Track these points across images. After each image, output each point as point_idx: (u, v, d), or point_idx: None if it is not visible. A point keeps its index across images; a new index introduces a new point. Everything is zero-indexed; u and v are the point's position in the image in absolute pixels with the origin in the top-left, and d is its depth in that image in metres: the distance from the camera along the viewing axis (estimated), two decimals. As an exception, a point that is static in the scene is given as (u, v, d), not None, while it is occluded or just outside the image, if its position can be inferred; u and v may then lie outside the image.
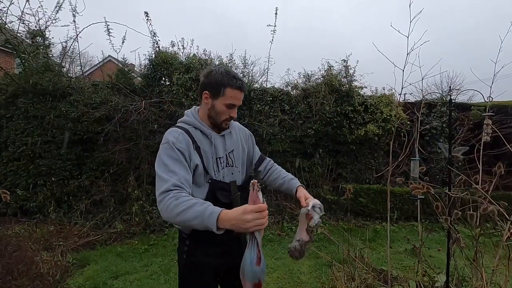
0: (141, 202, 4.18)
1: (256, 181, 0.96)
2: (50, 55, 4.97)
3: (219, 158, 1.25)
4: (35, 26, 4.77)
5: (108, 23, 4.84)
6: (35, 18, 4.72)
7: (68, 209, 4.33)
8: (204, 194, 1.19)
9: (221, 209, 0.95)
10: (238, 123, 1.46)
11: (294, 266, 3.17)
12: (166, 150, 1.13)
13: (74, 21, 4.83)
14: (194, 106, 1.34)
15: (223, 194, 1.21)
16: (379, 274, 2.55)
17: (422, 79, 2.41)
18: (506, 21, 2.10)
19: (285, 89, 5.28)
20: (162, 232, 4.11)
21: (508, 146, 2.35)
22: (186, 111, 1.32)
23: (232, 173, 1.29)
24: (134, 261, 3.30)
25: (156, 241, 3.84)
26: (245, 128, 1.49)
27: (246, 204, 0.92)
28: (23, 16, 4.69)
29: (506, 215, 1.88)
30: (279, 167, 1.50)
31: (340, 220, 4.67)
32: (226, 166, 1.28)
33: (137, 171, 4.50)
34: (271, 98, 5.08)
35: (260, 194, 0.95)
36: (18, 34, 4.85)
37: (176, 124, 1.27)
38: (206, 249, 1.24)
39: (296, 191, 1.34)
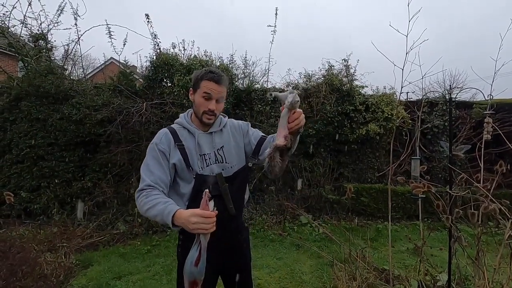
0: (144, 203, 4.19)
1: (207, 190, 1.04)
2: (53, 58, 5.01)
3: (204, 155, 1.30)
4: (38, 30, 4.81)
5: (109, 25, 4.88)
6: (37, 21, 4.77)
7: (71, 210, 4.37)
8: (191, 189, 1.26)
9: (178, 208, 1.08)
10: (232, 120, 1.48)
11: (295, 266, 3.18)
12: (151, 150, 1.29)
13: (75, 24, 4.87)
14: (189, 109, 1.42)
15: (210, 186, 1.23)
16: (381, 273, 2.54)
17: (423, 77, 2.40)
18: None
19: (286, 89, 5.29)
20: (164, 233, 4.12)
21: (509, 144, 2.34)
22: (180, 114, 1.42)
23: (223, 169, 1.31)
24: (136, 262, 3.32)
25: (159, 242, 3.86)
26: (238, 122, 1.49)
27: (197, 209, 1.02)
28: (25, 20, 4.74)
29: (508, 214, 1.88)
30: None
31: (342, 220, 4.66)
32: (216, 163, 1.30)
33: (139, 172, 4.51)
34: (272, 99, 5.09)
35: (211, 204, 1.03)
36: (20, 38, 4.90)
37: (169, 125, 1.39)
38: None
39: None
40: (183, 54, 5.11)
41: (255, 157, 1.37)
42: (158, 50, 4.87)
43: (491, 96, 2.17)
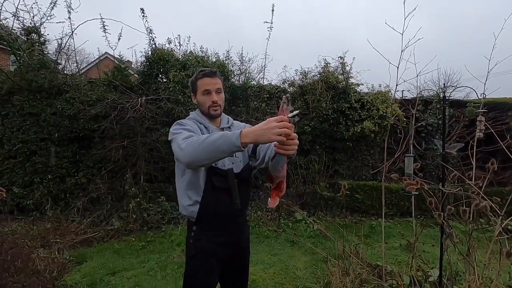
0: (138, 199, 4.18)
1: (288, 95, 1.02)
2: (46, 52, 4.94)
3: None
4: (30, 23, 4.74)
5: (103, 19, 4.81)
6: (29, 14, 4.70)
7: (65, 206, 4.34)
8: (200, 178, 1.30)
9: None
10: (237, 121, 1.57)
11: (290, 262, 3.20)
12: (176, 126, 1.28)
13: (69, 17, 4.81)
14: (196, 110, 1.49)
15: (220, 179, 1.30)
16: (374, 269, 2.57)
17: (417, 75, 2.42)
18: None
19: (282, 86, 5.29)
20: (159, 229, 4.12)
21: (501, 143, 2.38)
22: (191, 112, 1.49)
23: (233, 163, 1.36)
24: (131, 258, 3.32)
25: (154, 238, 3.85)
26: (242, 123, 1.57)
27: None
28: (17, 12, 4.67)
29: (498, 211, 1.91)
30: None
31: (336, 217, 4.70)
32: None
33: (134, 168, 4.50)
34: (268, 95, 5.09)
35: (290, 109, 0.98)
36: (12, 31, 4.81)
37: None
38: (210, 236, 1.35)
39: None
40: (179, 50, 5.08)
41: (254, 158, 1.41)
42: (154, 45, 4.83)
43: (484, 95, 2.19)
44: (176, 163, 1.37)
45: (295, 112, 1.00)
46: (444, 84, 6.01)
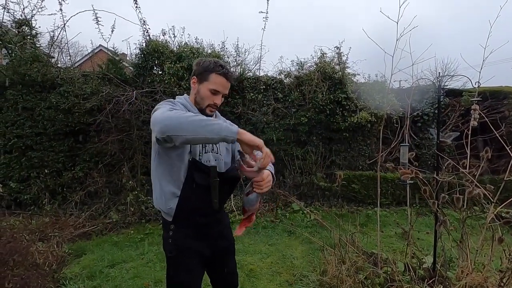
0: (136, 192, 4.20)
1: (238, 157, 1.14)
2: (38, 45, 4.85)
3: None
4: (21, 15, 4.64)
5: (96, 11, 4.72)
6: (20, 6, 4.60)
7: (62, 200, 4.34)
8: (182, 171, 1.22)
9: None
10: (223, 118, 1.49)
11: (287, 251, 3.25)
12: (164, 104, 1.16)
13: (61, 9, 4.70)
14: (185, 94, 1.37)
15: (201, 176, 1.22)
16: (369, 257, 2.62)
17: (413, 64, 2.42)
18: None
19: (278, 77, 5.26)
20: (157, 221, 4.14)
21: (495, 132, 2.40)
22: (177, 96, 1.35)
23: (216, 160, 1.31)
24: (130, 250, 3.35)
25: (152, 230, 3.88)
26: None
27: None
28: (7, 4, 4.56)
29: (491, 198, 1.94)
30: None
31: (333, 207, 4.75)
32: (211, 152, 1.31)
33: (131, 161, 4.50)
34: (264, 87, 5.06)
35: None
36: (3, 23, 4.71)
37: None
38: (189, 233, 1.29)
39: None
40: (173, 41, 5.01)
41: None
42: (148, 37, 4.77)
43: (479, 84, 2.19)
44: (153, 147, 1.25)
45: (256, 165, 1.10)
46: (438, 73, 5.99)
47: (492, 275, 1.98)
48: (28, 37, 4.67)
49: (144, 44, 4.74)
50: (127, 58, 6.17)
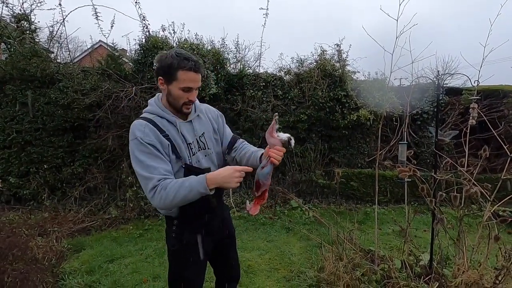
0: (135, 188, 4.20)
1: (277, 114, 1.22)
2: (37, 40, 4.82)
3: (189, 144, 1.27)
4: (20, 10, 4.61)
5: (95, 6, 4.69)
6: (19, 1, 4.59)
7: (62, 196, 4.36)
8: (182, 176, 1.25)
9: (204, 174, 1.15)
10: (207, 105, 1.48)
11: (285, 248, 3.27)
12: (137, 146, 1.16)
13: (60, 4, 4.68)
14: (157, 94, 1.33)
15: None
16: (367, 254, 2.64)
17: (412, 62, 2.41)
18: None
19: (278, 74, 5.25)
20: (156, 217, 4.16)
21: (493, 131, 2.40)
22: (149, 100, 1.30)
23: (206, 155, 1.33)
24: (129, 246, 3.36)
25: (151, 226, 3.90)
26: (214, 109, 1.49)
27: (237, 166, 1.20)
28: (6, -1, 4.53)
29: (488, 197, 1.95)
30: (251, 145, 1.49)
31: (331, 204, 4.77)
32: (199, 150, 1.31)
33: (130, 157, 4.49)
34: (264, 84, 5.05)
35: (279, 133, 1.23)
36: (2, 18, 4.69)
37: (141, 116, 1.26)
38: (192, 227, 1.33)
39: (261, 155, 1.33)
40: (173, 37, 4.99)
41: (228, 153, 1.46)
42: (147, 33, 4.74)
43: (478, 82, 2.20)
44: None
45: (284, 136, 1.24)
46: (438, 71, 5.98)
47: (488, 272, 1.99)
48: (27, 32, 4.65)
49: (143, 40, 4.72)
50: (127, 54, 6.16)
